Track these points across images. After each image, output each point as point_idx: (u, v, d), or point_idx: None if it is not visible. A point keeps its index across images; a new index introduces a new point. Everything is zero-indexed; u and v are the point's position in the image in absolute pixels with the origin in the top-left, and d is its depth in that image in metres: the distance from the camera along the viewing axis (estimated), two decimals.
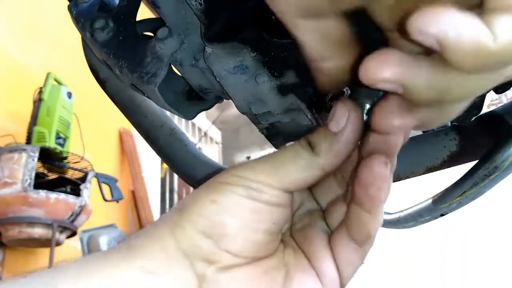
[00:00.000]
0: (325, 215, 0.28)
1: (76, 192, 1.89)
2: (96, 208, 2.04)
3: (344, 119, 0.23)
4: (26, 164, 1.71)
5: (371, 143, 0.23)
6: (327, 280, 0.25)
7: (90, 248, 2.07)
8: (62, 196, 1.79)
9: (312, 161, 0.24)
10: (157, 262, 0.23)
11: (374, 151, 0.23)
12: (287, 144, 0.26)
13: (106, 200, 2.09)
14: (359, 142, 0.24)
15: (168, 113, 0.47)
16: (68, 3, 0.38)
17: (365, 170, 0.22)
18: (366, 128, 0.24)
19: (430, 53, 0.16)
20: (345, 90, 0.28)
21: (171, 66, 0.37)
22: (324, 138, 0.24)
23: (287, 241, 0.27)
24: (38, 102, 1.95)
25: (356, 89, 0.26)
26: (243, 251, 0.24)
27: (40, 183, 1.78)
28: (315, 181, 0.25)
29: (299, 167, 0.24)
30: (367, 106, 0.24)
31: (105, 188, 2.11)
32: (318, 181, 0.25)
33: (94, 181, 2.05)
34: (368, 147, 0.23)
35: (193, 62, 0.36)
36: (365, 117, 0.24)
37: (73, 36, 0.52)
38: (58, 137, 1.94)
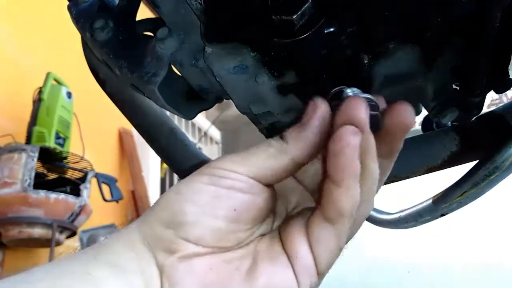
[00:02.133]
0: None
1: (76, 192, 1.88)
2: (96, 208, 2.04)
3: (312, 112, 0.25)
4: (26, 164, 1.71)
5: (341, 118, 0.23)
6: (300, 264, 0.24)
7: None
8: (62, 196, 1.79)
9: (281, 149, 0.25)
10: (121, 257, 0.23)
11: (344, 124, 0.23)
12: None
13: (106, 200, 2.09)
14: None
15: (168, 113, 0.47)
16: (67, 3, 0.38)
17: (335, 140, 0.22)
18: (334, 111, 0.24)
19: None
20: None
21: (171, 66, 0.37)
22: (293, 129, 0.25)
23: (271, 236, 0.26)
24: (37, 102, 1.94)
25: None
26: (202, 238, 0.24)
27: (40, 183, 1.78)
28: (285, 171, 0.25)
29: (268, 154, 0.25)
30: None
31: (105, 188, 2.11)
32: (290, 174, 0.26)
33: (94, 181, 2.05)
34: (339, 121, 0.23)
35: (193, 62, 0.36)
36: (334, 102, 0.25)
37: (73, 36, 0.52)
38: (57, 137, 1.93)
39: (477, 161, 0.41)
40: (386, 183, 0.45)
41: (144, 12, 0.40)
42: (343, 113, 0.23)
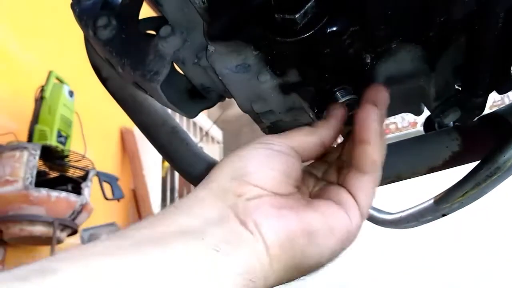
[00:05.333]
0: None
1: (77, 190, 1.89)
2: (97, 206, 2.04)
3: (334, 110, 0.34)
4: (28, 162, 1.71)
5: (365, 99, 0.32)
6: (347, 208, 0.30)
7: None
8: (63, 194, 1.79)
9: (312, 130, 0.33)
10: (197, 206, 0.27)
11: (367, 102, 0.31)
12: None
13: (107, 199, 2.09)
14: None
15: (170, 111, 0.47)
16: (71, 1, 0.38)
17: (361, 112, 0.31)
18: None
19: None
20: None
21: (173, 64, 0.37)
22: (320, 120, 0.34)
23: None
24: (39, 100, 1.95)
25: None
26: (264, 183, 0.29)
27: (42, 181, 1.78)
28: (315, 146, 0.33)
29: (301, 132, 0.33)
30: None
31: (106, 186, 2.11)
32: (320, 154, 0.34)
33: (95, 179, 2.05)
34: (363, 102, 0.32)
35: (196, 61, 0.36)
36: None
37: (75, 34, 0.52)
38: (59, 136, 1.94)
39: (479, 161, 0.41)
40: (388, 183, 0.45)
41: (146, 11, 0.40)
42: (368, 95, 0.32)
